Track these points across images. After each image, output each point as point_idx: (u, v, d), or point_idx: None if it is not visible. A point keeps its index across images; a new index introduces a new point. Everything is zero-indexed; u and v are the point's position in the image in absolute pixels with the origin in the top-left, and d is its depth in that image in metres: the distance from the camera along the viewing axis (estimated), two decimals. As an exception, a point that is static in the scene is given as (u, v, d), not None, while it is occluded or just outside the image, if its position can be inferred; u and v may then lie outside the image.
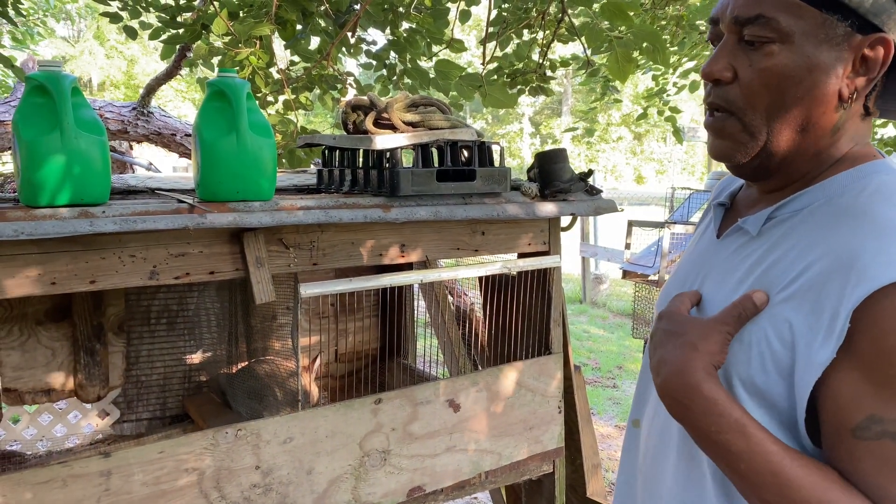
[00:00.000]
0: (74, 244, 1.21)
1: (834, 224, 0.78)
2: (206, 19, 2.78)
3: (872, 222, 0.75)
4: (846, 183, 0.82)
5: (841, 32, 0.79)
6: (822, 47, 0.79)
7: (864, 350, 0.71)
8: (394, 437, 1.58)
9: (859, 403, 0.71)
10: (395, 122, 1.54)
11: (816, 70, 0.80)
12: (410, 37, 3.02)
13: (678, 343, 0.81)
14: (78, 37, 20.89)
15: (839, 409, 0.73)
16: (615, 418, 4.95)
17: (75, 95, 1.23)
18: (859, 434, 0.71)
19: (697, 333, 0.81)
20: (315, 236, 1.46)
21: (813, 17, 0.79)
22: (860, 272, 0.71)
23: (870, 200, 0.78)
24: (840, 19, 0.79)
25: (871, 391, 0.71)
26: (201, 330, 2.22)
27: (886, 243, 0.72)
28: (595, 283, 8.97)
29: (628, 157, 27.44)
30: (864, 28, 0.79)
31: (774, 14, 0.80)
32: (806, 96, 0.81)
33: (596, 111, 6.58)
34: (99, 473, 1.26)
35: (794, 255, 0.80)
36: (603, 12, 2.40)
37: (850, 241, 0.74)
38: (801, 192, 0.85)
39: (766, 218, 0.87)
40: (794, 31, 0.79)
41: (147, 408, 2.17)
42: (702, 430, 0.78)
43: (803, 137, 0.83)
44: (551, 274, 1.82)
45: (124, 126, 4.72)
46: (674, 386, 0.80)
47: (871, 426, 0.70)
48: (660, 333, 0.85)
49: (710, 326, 0.81)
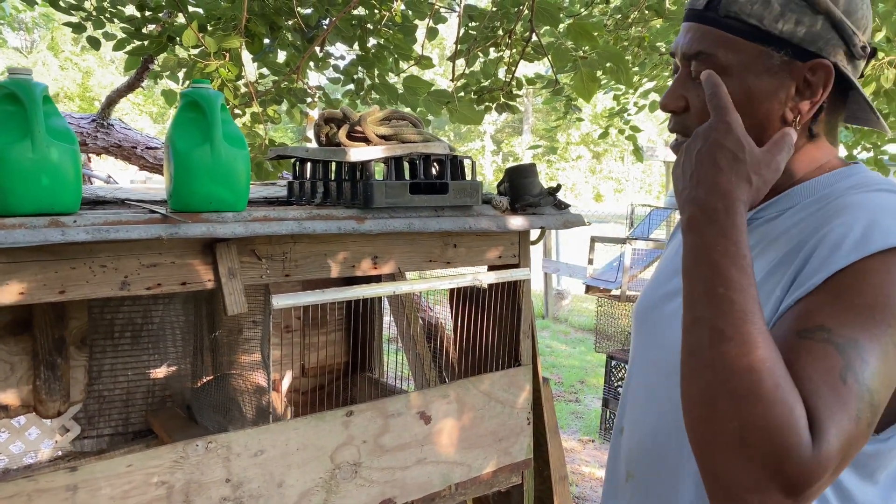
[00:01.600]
0: (44, 254, 1.20)
1: (818, 211, 0.83)
2: (173, 31, 2.76)
3: (859, 207, 0.79)
4: (830, 181, 0.88)
5: (777, 62, 0.85)
6: (761, 76, 0.86)
7: (841, 281, 0.74)
8: (365, 450, 1.58)
9: (814, 315, 0.73)
10: (368, 135, 1.55)
11: (757, 98, 0.86)
12: (378, 52, 3.05)
13: (734, 167, 0.78)
14: (31, 47, 20.43)
15: (791, 318, 0.75)
16: (578, 432, 4.99)
17: (46, 104, 1.22)
18: (804, 334, 0.72)
19: (754, 165, 0.78)
20: (288, 247, 1.46)
21: (750, 50, 0.86)
22: (848, 249, 0.75)
23: (854, 190, 0.84)
24: (775, 49, 0.85)
25: (829, 310, 0.73)
26: (166, 343, 2.19)
27: (878, 218, 0.76)
28: (557, 298, 9.06)
29: (587, 175, 27.84)
30: (803, 55, 0.85)
31: (713, 50, 0.87)
32: (751, 122, 0.86)
33: (557, 130, 6.67)
34: (65, 488, 1.23)
35: (781, 243, 0.85)
36: (569, 32, 2.46)
37: (833, 222, 0.79)
38: (777, 196, 0.91)
39: (749, 218, 0.92)
40: (732, 64, 0.86)
41: (109, 423, 2.12)
42: (707, 244, 0.75)
43: None
44: (521, 286, 1.85)
45: (83, 138, 4.64)
46: (706, 196, 0.77)
47: (818, 332, 0.71)
48: (714, 147, 0.79)
49: (764, 161, 0.79)
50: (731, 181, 0.77)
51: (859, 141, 4.10)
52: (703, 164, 0.79)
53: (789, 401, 0.66)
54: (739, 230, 0.75)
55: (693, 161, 0.80)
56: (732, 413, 0.67)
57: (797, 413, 0.65)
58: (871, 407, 0.68)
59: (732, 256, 0.73)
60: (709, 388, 0.69)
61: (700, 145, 0.80)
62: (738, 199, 0.76)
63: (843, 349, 0.69)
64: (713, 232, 0.75)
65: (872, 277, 0.72)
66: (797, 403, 0.66)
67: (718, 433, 0.68)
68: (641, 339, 1.06)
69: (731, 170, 0.77)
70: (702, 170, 0.79)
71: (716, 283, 0.72)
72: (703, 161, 0.79)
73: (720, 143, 0.78)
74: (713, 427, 0.69)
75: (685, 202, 0.80)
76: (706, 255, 0.74)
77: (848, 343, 0.70)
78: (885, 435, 0.79)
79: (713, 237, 0.75)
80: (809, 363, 0.69)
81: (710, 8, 0.88)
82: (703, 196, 0.77)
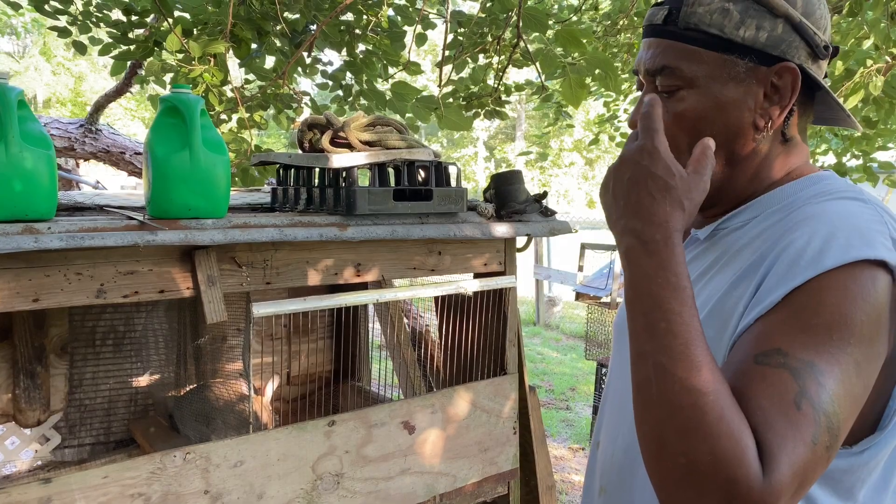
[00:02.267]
0: (17, 261, 1.17)
1: (782, 223, 0.82)
2: (159, 36, 2.74)
3: (819, 218, 0.78)
4: (794, 190, 0.87)
5: (743, 69, 0.85)
6: (728, 85, 0.85)
7: (796, 300, 0.73)
8: (347, 460, 1.56)
9: (771, 338, 0.72)
10: (352, 141, 1.53)
11: (726, 107, 0.85)
12: (367, 58, 3.03)
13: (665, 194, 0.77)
14: (23, 52, 20.34)
15: (749, 341, 0.74)
16: (568, 440, 4.97)
17: (21, 108, 1.19)
18: (760, 360, 0.72)
19: (684, 190, 0.78)
20: (269, 255, 1.44)
21: (713, 59, 0.85)
22: (806, 264, 0.74)
23: (818, 200, 0.82)
24: (738, 57, 0.84)
25: (786, 331, 0.72)
26: (149, 351, 2.16)
27: (837, 232, 0.75)
28: (548, 305, 9.05)
29: (580, 182, 27.89)
30: (767, 60, 0.84)
31: (677, 63, 0.86)
32: (722, 132, 0.85)
33: (549, 136, 6.68)
34: (38, 500, 1.20)
35: (746, 254, 0.84)
36: (557, 39, 2.45)
37: (794, 234, 0.78)
38: (748, 203, 0.90)
39: (715, 227, 0.91)
40: (697, 76, 0.85)
41: (90, 432, 2.09)
42: (647, 276, 0.74)
43: (731, 169, 0.88)
44: (507, 294, 1.83)
45: (71, 143, 4.61)
46: (643, 229, 0.77)
47: (775, 357, 0.71)
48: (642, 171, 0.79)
49: (693, 185, 0.79)
50: (665, 211, 0.76)
51: (848, 148, 4.11)
52: (636, 192, 0.78)
53: (735, 432, 0.65)
54: (678, 260, 0.74)
55: (625, 188, 0.79)
56: (680, 449, 0.67)
57: (744, 443, 0.65)
58: (828, 430, 0.67)
59: (673, 288, 0.73)
60: (657, 425, 0.70)
61: (630, 173, 0.79)
62: (674, 229, 0.76)
63: (798, 373, 0.69)
64: (652, 263, 0.74)
65: (829, 296, 0.71)
66: (744, 434, 0.66)
67: (670, 468, 0.68)
68: (619, 351, 1.05)
69: (664, 199, 0.77)
70: (635, 198, 0.78)
71: (657, 316, 0.72)
72: (635, 189, 0.78)
73: (650, 171, 0.78)
74: (664, 463, 0.69)
75: (622, 232, 0.79)
76: (647, 287, 0.74)
77: (804, 367, 0.69)
78: (858, 448, 0.78)
79: (653, 269, 0.74)
80: (763, 390, 0.69)
81: (668, 22, 0.87)
82: (639, 227, 0.77)
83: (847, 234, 0.74)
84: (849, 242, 0.73)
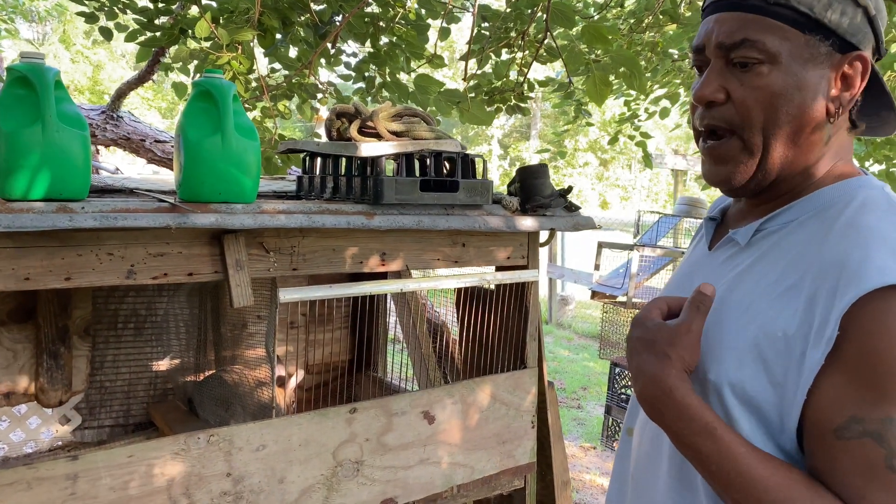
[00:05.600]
0: (51, 239, 1.18)
1: (823, 236, 0.81)
2: (185, 23, 2.75)
3: (858, 232, 0.78)
4: (834, 196, 0.86)
5: (823, 52, 0.84)
6: (807, 66, 0.84)
7: (849, 353, 0.73)
8: (367, 448, 1.57)
9: (842, 405, 0.73)
10: (380, 131, 1.54)
11: (805, 88, 0.84)
12: (390, 50, 3.04)
13: (650, 351, 0.83)
14: (43, 40, 20.48)
15: (822, 412, 0.75)
16: (580, 439, 4.96)
17: (58, 89, 1.21)
18: (840, 434, 0.73)
19: (667, 340, 0.82)
20: (296, 241, 1.45)
21: (797, 38, 0.83)
22: (847, 280, 0.74)
23: (856, 213, 0.81)
24: (821, 39, 0.83)
25: (853, 393, 0.72)
26: (169, 336, 2.18)
27: (872, 251, 0.75)
28: (561, 304, 9.03)
29: (594, 182, 27.79)
30: (843, 47, 0.84)
31: (760, 37, 0.84)
32: (797, 113, 0.84)
33: (565, 135, 6.65)
34: (65, 476, 1.22)
35: (783, 264, 0.83)
36: (583, 35, 2.44)
37: (838, 251, 0.77)
38: (788, 205, 0.88)
39: (756, 230, 0.90)
40: (781, 52, 0.83)
41: (110, 414, 2.11)
42: (675, 432, 0.80)
43: (795, 153, 0.86)
44: (529, 288, 1.83)
45: (92, 129, 4.64)
46: (649, 393, 0.82)
47: (853, 426, 0.72)
48: (633, 341, 0.87)
49: (676, 332, 0.83)
50: (669, 374, 0.81)
51: (871, 153, 4.07)
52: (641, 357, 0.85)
53: None
54: (691, 405, 0.79)
55: (637, 352, 0.86)
56: None
57: None
58: None
59: (700, 433, 0.78)
60: None
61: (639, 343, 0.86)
62: (673, 388, 0.80)
63: (880, 436, 0.70)
64: (672, 416, 0.80)
65: (879, 342, 0.72)
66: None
67: None
68: None
69: (662, 365, 0.82)
70: (640, 362, 0.85)
71: (702, 462, 0.78)
72: (641, 354, 0.85)
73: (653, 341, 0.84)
74: None
75: (638, 395, 0.85)
76: (680, 441, 0.80)
77: (883, 427, 0.70)
78: None
79: (674, 422, 0.80)
80: (851, 466, 0.72)
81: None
82: (649, 390, 0.83)
83: (883, 253, 0.75)
84: (885, 264, 0.73)
